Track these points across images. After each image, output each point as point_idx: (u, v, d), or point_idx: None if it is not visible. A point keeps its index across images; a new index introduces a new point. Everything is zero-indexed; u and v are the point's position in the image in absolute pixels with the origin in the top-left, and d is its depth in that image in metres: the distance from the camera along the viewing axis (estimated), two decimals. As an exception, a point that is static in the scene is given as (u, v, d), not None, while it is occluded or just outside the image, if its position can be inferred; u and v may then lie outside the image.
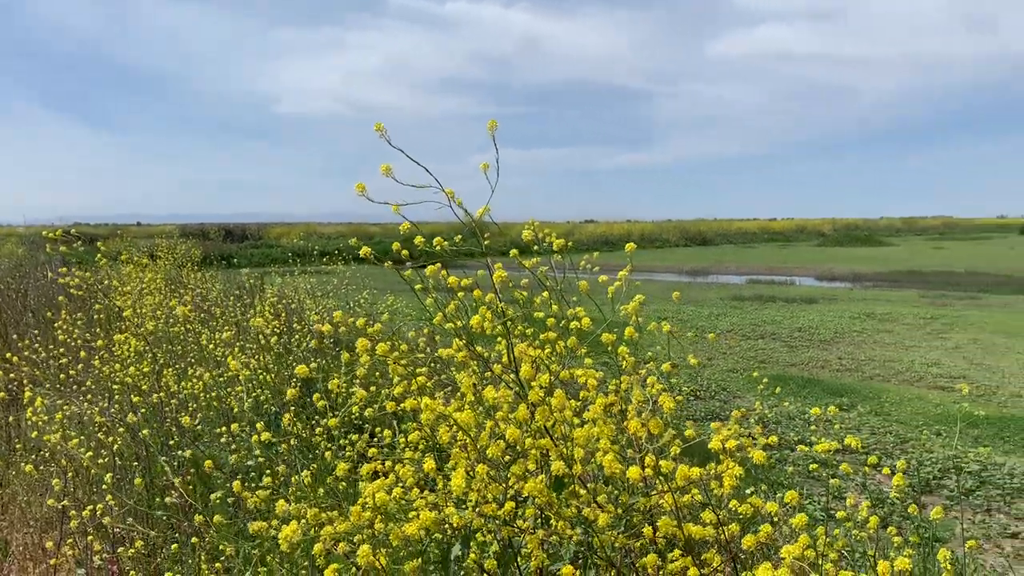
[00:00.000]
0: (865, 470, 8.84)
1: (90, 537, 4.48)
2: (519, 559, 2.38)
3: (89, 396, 6.93)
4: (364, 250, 2.44)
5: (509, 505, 2.20)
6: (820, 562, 2.51)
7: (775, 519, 2.23)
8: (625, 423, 2.22)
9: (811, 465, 3.59)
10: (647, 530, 2.16)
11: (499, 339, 2.72)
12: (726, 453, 2.13)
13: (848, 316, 25.83)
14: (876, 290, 37.42)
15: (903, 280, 41.92)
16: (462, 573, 2.82)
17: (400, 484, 2.53)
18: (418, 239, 2.47)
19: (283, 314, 9.47)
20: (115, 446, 5.46)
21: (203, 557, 3.79)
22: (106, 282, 10.66)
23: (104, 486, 4.47)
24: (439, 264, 2.74)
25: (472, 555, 2.35)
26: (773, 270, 50.19)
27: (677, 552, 2.15)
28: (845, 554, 4.36)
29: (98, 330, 8.65)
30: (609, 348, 2.87)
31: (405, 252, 2.72)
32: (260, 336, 8.55)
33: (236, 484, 2.69)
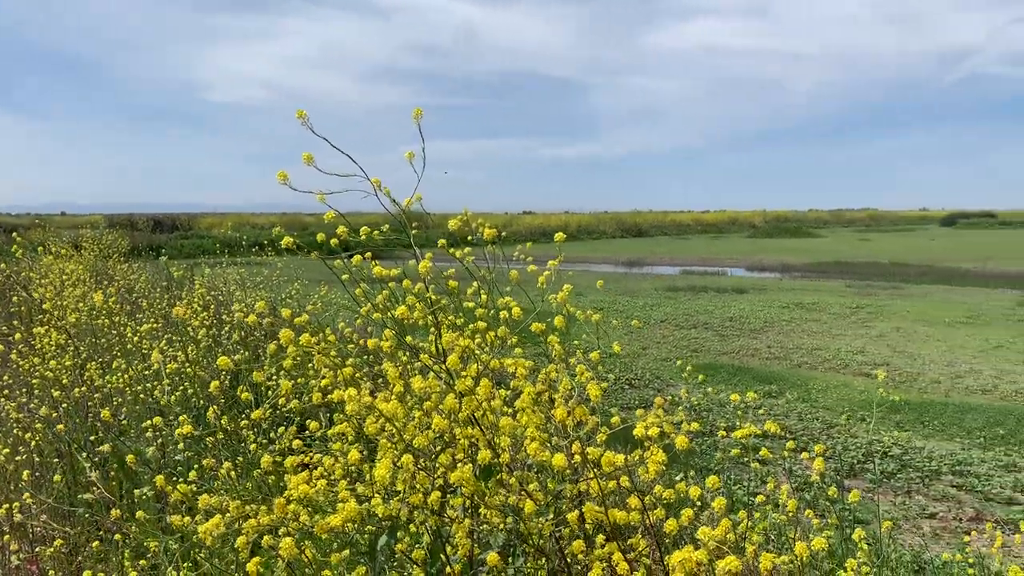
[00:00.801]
0: (784, 454, 9.08)
1: (7, 536, 4.33)
2: (448, 548, 2.38)
3: (6, 391, 6.67)
4: (286, 240, 2.40)
5: (435, 495, 2.20)
6: (744, 544, 2.57)
7: (698, 504, 2.28)
8: (552, 411, 2.24)
9: (733, 451, 3.67)
10: (571, 516, 2.18)
11: (432, 329, 2.72)
12: (650, 439, 2.16)
13: (777, 306, 26.51)
14: (804, 280, 38.47)
15: (830, 271, 43.20)
16: (395, 563, 2.81)
17: (328, 476, 2.51)
18: (341, 229, 2.44)
19: (212, 306, 9.26)
20: (33, 443, 5.28)
21: (127, 555, 3.70)
22: (23, 274, 10.26)
23: (22, 483, 4.32)
24: (369, 254, 2.71)
25: (400, 545, 2.35)
26: (706, 261, 51.17)
27: (601, 537, 2.18)
28: (772, 536, 4.49)
29: (17, 323, 8.33)
30: (540, 337, 2.89)
31: (334, 242, 2.69)
32: (188, 328, 8.36)
33: (159, 479, 2.63)
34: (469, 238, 3.49)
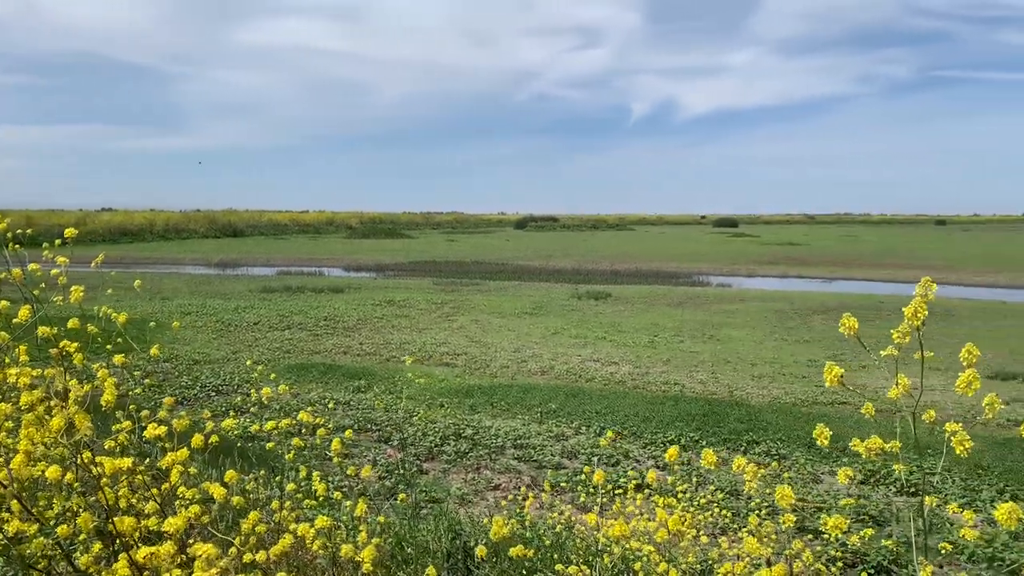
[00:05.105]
0: (315, 444, 9.38)
1: None
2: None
3: None
4: None
5: None
6: (285, 535, 2.62)
7: (222, 501, 2.27)
8: (51, 419, 2.06)
9: (269, 444, 3.73)
10: (62, 530, 2.03)
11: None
12: (160, 439, 2.10)
13: (371, 303, 27.44)
14: (398, 279, 40.36)
15: (420, 269, 45.91)
16: None
17: None
18: None
19: None
20: None
21: None
22: None
23: None
24: None
25: None
26: (304, 261, 51.11)
27: (98, 546, 2.06)
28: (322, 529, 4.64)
29: None
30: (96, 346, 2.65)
31: None
32: None
33: None
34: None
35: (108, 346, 3.13)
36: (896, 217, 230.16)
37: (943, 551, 2.62)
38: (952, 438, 1.53)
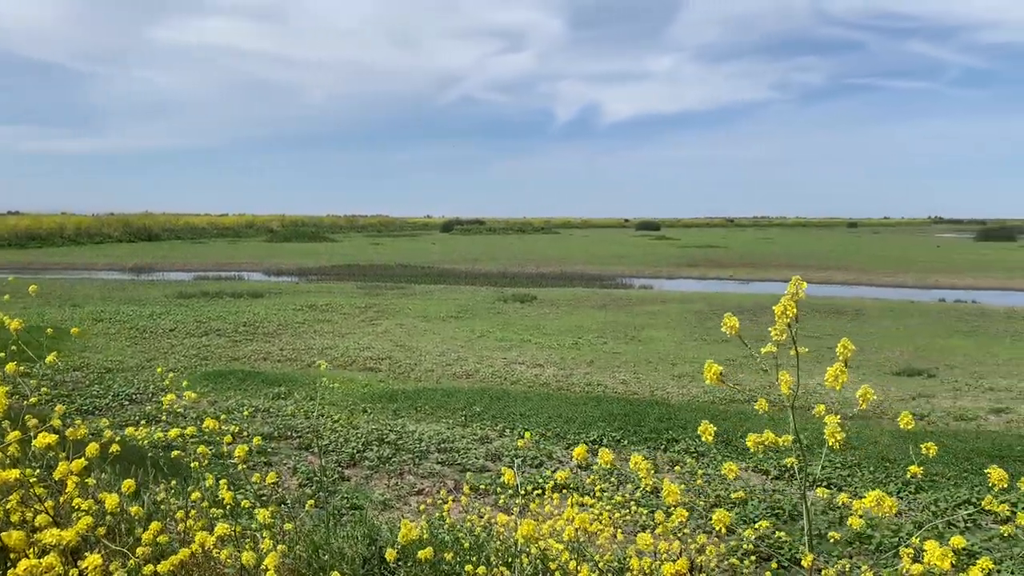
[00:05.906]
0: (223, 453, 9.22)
1: None
2: None
3: None
4: None
5: None
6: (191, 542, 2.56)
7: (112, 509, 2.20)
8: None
9: (174, 452, 3.64)
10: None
11: None
12: (48, 450, 2.03)
13: (292, 308, 26.96)
14: (320, 283, 39.77)
15: (344, 273, 45.35)
16: None
17: None
18: None
19: None
20: None
21: None
22: None
23: None
24: None
25: None
26: (222, 266, 49.96)
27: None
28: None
29: None
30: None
31: None
32: None
33: None
34: None
35: (1, 354, 3.01)
36: (811, 220, 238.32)
37: (832, 539, 2.73)
38: (826, 430, 1.61)
